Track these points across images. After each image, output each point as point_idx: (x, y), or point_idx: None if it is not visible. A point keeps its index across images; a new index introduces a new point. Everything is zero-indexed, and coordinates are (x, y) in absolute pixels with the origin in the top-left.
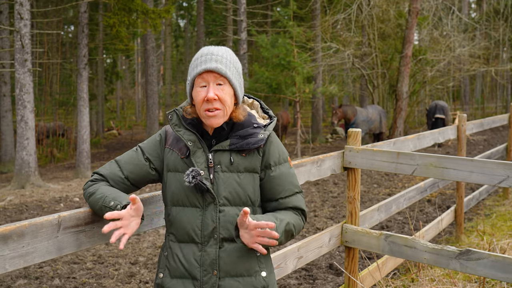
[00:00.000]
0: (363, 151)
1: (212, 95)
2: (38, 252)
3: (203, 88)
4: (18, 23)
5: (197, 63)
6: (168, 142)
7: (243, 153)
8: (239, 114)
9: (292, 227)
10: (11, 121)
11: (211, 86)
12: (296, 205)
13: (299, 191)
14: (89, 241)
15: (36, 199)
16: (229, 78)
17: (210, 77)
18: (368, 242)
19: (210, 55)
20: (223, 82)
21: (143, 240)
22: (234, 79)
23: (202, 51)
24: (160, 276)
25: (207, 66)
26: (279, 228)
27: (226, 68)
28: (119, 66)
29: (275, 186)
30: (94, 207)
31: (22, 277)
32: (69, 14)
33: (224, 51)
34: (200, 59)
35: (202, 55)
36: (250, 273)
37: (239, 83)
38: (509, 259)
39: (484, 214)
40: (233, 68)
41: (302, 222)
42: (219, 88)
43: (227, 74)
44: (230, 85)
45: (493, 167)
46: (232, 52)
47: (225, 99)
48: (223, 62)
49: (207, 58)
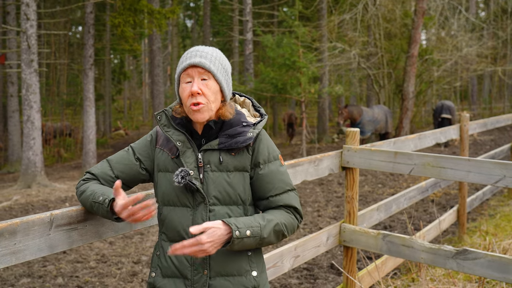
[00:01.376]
0: (361, 150)
1: (195, 88)
2: (29, 250)
3: (188, 84)
4: (24, 24)
5: (182, 60)
6: (159, 143)
7: (232, 152)
8: (225, 111)
9: (283, 227)
10: (18, 121)
11: (195, 81)
12: (287, 203)
13: (291, 189)
14: (81, 239)
15: (42, 198)
16: (213, 72)
17: (195, 72)
18: (366, 242)
19: (195, 51)
20: (207, 77)
21: (146, 239)
22: (219, 74)
23: (189, 50)
24: (153, 276)
25: (191, 61)
26: (265, 230)
27: (210, 63)
28: (127, 67)
29: (265, 184)
30: (86, 204)
31: (26, 275)
32: (77, 15)
33: (210, 49)
34: (185, 56)
35: (188, 53)
36: (241, 273)
37: (225, 79)
38: (506, 259)
39: (488, 215)
40: (219, 64)
41: (295, 221)
42: (203, 83)
43: (211, 68)
44: (215, 80)
45: (490, 166)
46: (220, 52)
47: (209, 94)
48: (207, 58)
49: (192, 54)
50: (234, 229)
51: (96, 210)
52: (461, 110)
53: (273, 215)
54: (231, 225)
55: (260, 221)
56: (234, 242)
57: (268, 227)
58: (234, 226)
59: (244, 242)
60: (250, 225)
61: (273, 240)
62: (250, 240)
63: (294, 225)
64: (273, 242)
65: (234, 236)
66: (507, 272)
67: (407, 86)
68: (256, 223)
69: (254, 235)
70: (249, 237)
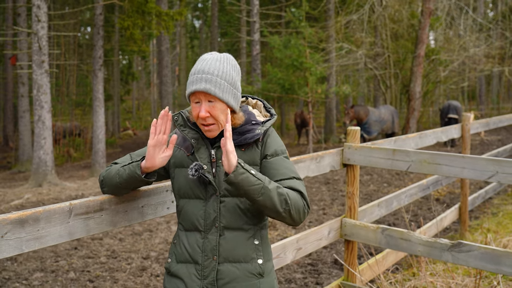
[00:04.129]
0: (361, 148)
1: (203, 113)
2: (51, 236)
3: (197, 104)
4: (35, 25)
5: (190, 81)
6: (176, 141)
7: (242, 148)
8: (236, 120)
9: (286, 195)
10: (29, 121)
11: (203, 104)
12: (292, 185)
13: (297, 177)
14: (97, 227)
15: (52, 197)
16: (219, 96)
17: (202, 96)
18: (366, 236)
19: (201, 73)
20: (213, 99)
21: (155, 236)
22: (225, 95)
23: (196, 67)
24: (169, 261)
25: (196, 87)
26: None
27: (215, 87)
28: (135, 67)
29: (271, 170)
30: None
31: (39, 270)
32: (86, 16)
33: (216, 65)
34: (192, 77)
35: (195, 73)
36: (247, 260)
37: (232, 95)
38: (498, 251)
39: (491, 213)
40: (224, 84)
41: (301, 201)
42: (210, 106)
43: (216, 93)
44: (222, 101)
45: (484, 163)
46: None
47: (217, 114)
48: (213, 81)
49: (197, 78)
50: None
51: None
52: (468, 110)
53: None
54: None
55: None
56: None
57: (273, 184)
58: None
59: (248, 177)
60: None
61: (276, 201)
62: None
63: (300, 204)
64: (277, 205)
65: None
66: (499, 263)
67: (413, 86)
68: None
69: (258, 178)
70: (253, 176)
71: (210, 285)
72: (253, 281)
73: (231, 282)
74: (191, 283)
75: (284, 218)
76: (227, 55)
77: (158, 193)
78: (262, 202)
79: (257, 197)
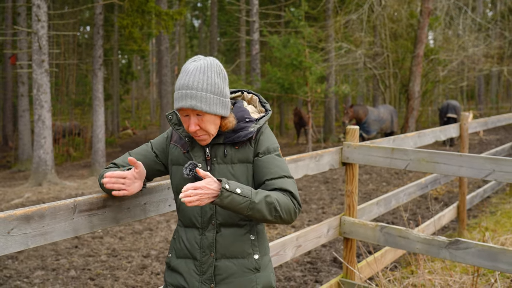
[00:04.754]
0: (360, 147)
1: (193, 128)
2: (56, 232)
3: (186, 118)
4: (35, 25)
5: (176, 97)
6: (173, 139)
7: (236, 145)
8: (227, 123)
9: (275, 201)
10: (29, 121)
11: (192, 118)
12: (282, 186)
13: (288, 176)
14: (100, 223)
15: (52, 196)
16: (205, 111)
17: (189, 111)
18: (364, 233)
19: (185, 89)
20: (201, 113)
21: (156, 234)
22: (213, 106)
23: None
24: (169, 256)
25: (182, 104)
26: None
27: (202, 102)
28: (134, 67)
29: (262, 169)
30: None
31: (40, 268)
32: (85, 15)
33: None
34: (178, 92)
35: (180, 88)
36: (244, 256)
37: (221, 103)
38: (495, 248)
39: (489, 212)
40: (210, 96)
41: (290, 203)
42: (199, 119)
43: (203, 108)
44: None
45: (481, 161)
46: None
47: (206, 127)
48: (198, 97)
49: (182, 94)
50: (224, 182)
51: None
52: (467, 110)
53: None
54: (222, 180)
55: (252, 189)
56: (223, 193)
57: (260, 195)
58: (224, 180)
59: (234, 199)
60: (241, 186)
61: (265, 212)
62: (240, 199)
63: (290, 206)
64: (266, 215)
65: (223, 186)
66: (496, 260)
67: (412, 86)
68: (247, 188)
69: (244, 195)
70: (239, 195)
71: (208, 280)
72: (250, 276)
73: (228, 277)
74: (190, 278)
75: (275, 222)
76: (211, 60)
77: (160, 191)
78: (252, 216)
79: (245, 212)
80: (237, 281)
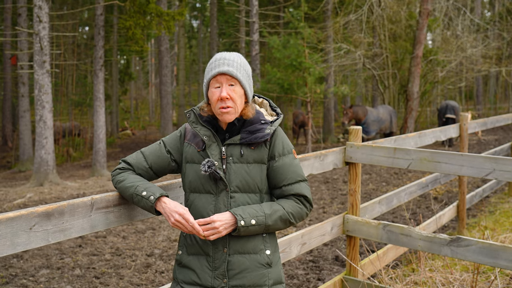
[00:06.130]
0: (363, 147)
1: (225, 94)
2: (74, 228)
3: (218, 89)
4: (37, 26)
5: (211, 67)
6: (187, 138)
7: (252, 146)
8: (248, 111)
9: (289, 216)
10: (29, 121)
11: (224, 86)
12: (298, 192)
13: (303, 179)
14: (116, 220)
15: (54, 196)
16: (239, 79)
17: (223, 79)
18: (367, 231)
19: (223, 59)
20: (234, 83)
21: (158, 234)
22: (244, 80)
23: (216, 57)
24: (179, 253)
25: (220, 69)
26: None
27: (237, 71)
28: (133, 67)
29: (279, 175)
30: (124, 193)
31: (45, 267)
32: (84, 16)
33: (235, 56)
34: (214, 63)
35: (216, 60)
36: (256, 251)
37: (249, 84)
38: (496, 246)
39: (488, 211)
40: (243, 71)
41: (303, 210)
42: (231, 89)
43: (238, 76)
44: (241, 85)
45: (481, 161)
46: (242, 57)
47: (236, 98)
48: (234, 66)
49: (220, 63)
50: (239, 219)
51: (136, 202)
52: (466, 110)
53: (281, 204)
54: (237, 216)
55: (266, 210)
56: (240, 230)
57: (274, 216)
58: (239, 217)
59: (250, 229)
60: (255, 215)
61: (281, 226)
62: (255, 228)
63: (302, 214)
64: (281, 228)
65: (239, 225)
66: (496, 257)
67: (411, 87)
68: (261, 213)
69: (258, 224)
70: (254, 225)
71: (221, 275)
72: (262, 271)
73: (241, 272)
74: (203, 274)
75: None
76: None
77: (172, 189)
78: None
79: (263, 232)
80: (250, 276)
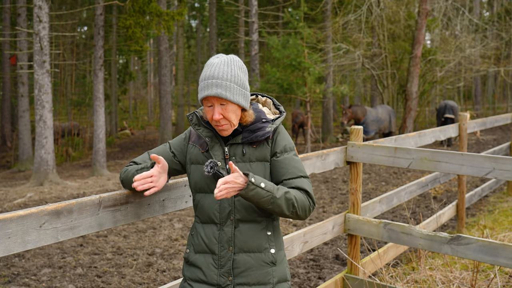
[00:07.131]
0: (364, 146)
1: (217, 116)
2: (83, 226)
3: (210, 108)
4: (37, 26)
5: (201, 86)
6: (192, 139)
7: (253, 145)
8: (246, 118)
9: (293, 198)
10: (29, 121)
11: (216, 107)
12: (299, 185)
13: (304, 176)
14: (124, 218)
15: (55, 195)
16: (229, 99)
17: (214, 100)
18: (368, 230)
19: (211, 78)
20: (225, 102)
21: (159, 233)
22: (236, 96)
23: (205, 73)
24: (187, 252)
25: (208, 92)
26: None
27: (226, 91)
28: (131, 67)
29: (280, 169)
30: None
31: (47, 266)
32: (83, 16)
33: (224, 69)
34: (204, 82)
35: (206, 78)
36: (261, 250)
37: (242, 96)
38: (495, 244)
39: (487, 210)
40: (233, 85)
41: (306, 201)
42: (223, 108)
43: (227, 96)
44: (233, 103)
45: (481, 160)
46: (235, 62)
47: (230, 115)
48: (223, 86)
49: (208, 84)
50: (251, 176)
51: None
52: (464, 110)
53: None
54: (249, 174)
55: (274, 185)
56: (249, 186)
57: (281, 191)
58: (251, 174)
59: (258, 192)
60: (265, 181)
61: (284, 207)
62: (263, 193)
63: (305, 204)
64: (284, 210)
65: (249, 179)
66: (496, 255)
67: (410, 86)
68: (270, 184)
69: (267, 190)
70: (263, 189)
71: (226, 273)
72: (267, 269)
73: (246, 270)
74: (209, 272)
75: (291, 217)
76: (233, 57)
77: (177, 188)
78: (272, 210)
79: (267, 206)
80: (255, 274)
